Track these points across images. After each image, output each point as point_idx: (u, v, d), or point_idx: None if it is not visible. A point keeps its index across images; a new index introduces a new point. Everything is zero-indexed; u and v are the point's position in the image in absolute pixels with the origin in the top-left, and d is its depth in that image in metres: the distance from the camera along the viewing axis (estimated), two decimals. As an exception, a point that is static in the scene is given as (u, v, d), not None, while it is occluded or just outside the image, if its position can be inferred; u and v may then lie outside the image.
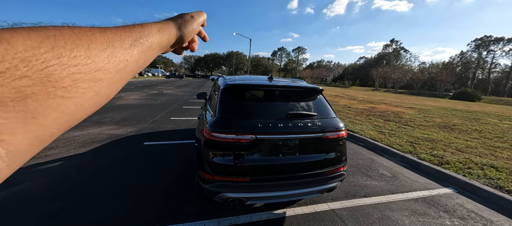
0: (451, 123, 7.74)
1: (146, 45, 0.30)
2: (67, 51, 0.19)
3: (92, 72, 0.22)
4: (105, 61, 0.23)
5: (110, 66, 0.24)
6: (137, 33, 0.29)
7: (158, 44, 0.33)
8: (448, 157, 4.10)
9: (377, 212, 2.50)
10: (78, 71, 0.20)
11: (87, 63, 0.21)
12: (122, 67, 0.26)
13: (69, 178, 2.85)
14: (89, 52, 0.21)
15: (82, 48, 0.21)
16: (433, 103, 17.18)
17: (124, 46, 0.26)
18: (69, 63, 0.19)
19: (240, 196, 1.87)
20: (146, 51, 0.30)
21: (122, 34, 0.27)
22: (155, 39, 0.32)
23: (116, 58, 0.25)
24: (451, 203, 2.81)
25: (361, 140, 5.39)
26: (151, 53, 0.32)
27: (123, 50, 0.26)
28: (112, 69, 0.24)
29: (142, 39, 0.29)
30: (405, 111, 10.55)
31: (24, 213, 2.14)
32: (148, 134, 4.94)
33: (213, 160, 1.86)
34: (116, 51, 0.25)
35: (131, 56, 0.27)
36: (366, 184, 3.18)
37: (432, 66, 55.95)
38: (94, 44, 0.22)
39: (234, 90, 2.18)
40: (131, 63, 0.27)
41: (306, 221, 2.28)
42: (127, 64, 0.27)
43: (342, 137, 2.17)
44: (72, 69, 0.19)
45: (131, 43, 0.28)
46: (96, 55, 0.22)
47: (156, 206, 2.35)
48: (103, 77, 0.23)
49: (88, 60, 0.21)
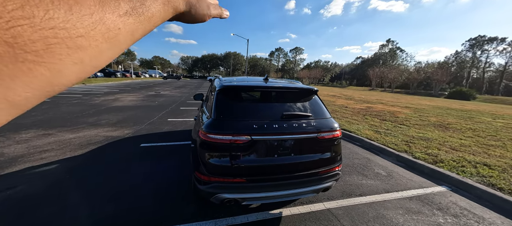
0: (445, 122, 7.85)
1: (146, 16, 0.27)
2: (41, 12, 0.17)
3: (72, 38, 0.19)
4: (90, 27, 0.21)
5: (96, 33, 0.21)
6: (137, 1, 0.26)
7: (160, 17, 0.29)
8: (442, 155, 4.17)
9: (372, 210, 2.54)
10: (53, 35, 0.18)
11: (66, 28, 0.19)
12: (113, 35, 0.23)
13: (65, 180, 2.83)
14: (70, 16, 0.19)
15: (61, 9, 0.18)
16: (429, 103, 17.39)
17: (119, 12, 0.23)
18: (42, 25, 0.17)
19: (236, 196, 1.89)
20: (144, 22, 0.27)
21: (120, 2, 0.24)
22: (158, 12, 0.29)
23: (105, 25, 0.22)
24: (445, 201, 2.86)
25: (358, 139, 5.44)
26: (150, 25, 0.28)
27: (116, 17, 0.23)
28: (99, 37, 0.22)
29: (142, 8, 0.26)
30: (401, 110, 10.67)
31: (21, 216, 2.13)
32: (145, 136, 4.92)
33: (209, 161, 1.87)
34: (107, 17, 0.22)
35: (125, 24, 0.24)
36: (362, 183, 3.22)
37: (428, 66, 56.60)
38: (78, 6, 0.20)
39: (230, 91, 2.20)
40: (124, 32, 0.24)
41: (302, 220, 2.30)
42: (119, 33, 0.24)
43: (337, 137, 2.20)
44: (46, 32, 0.17)
45: (126, 10, 0.24)
46: (78, 20, 0.20)
47: (152, 207, 2.35)
48: (87, 45, 0.21)
49: (67, 24, 0.19)
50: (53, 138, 4.40)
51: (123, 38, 0.25)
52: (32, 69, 0.17)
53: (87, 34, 0.20)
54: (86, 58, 0.21)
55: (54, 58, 0.18)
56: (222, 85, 2.20)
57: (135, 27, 0.26)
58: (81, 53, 0.20)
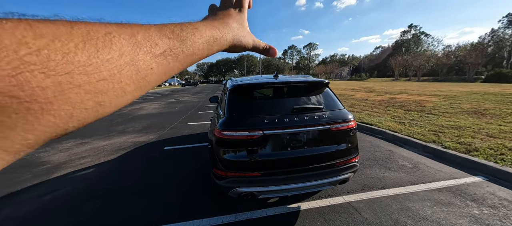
0: (482, 108, 7.11)
1: (186, 54, 0.24)
2: (59, 55, 0.15)
3: (92, 83, 0.17)
4: (116, 69, 0.18)
5: (123, 75, 0.19)
6: (179, 41, 0.23)
7: (201, 55, 0.27)
8: (477, 143, 3.81)
9: (396, 203, 2.43)
10: (69, 80, 0.15)
11: (86, 72, 0.16)
12: (142, 77, 0.20)
13: (102, 181, 3.15)
14: (94, 59, 0.17)
15: (84, 52, 0.16)
16: (462, 89, 15.84)
17: (154, 52, 0.21)
18: (57, 70, 0.15)
19: (252, 190, 1.95)
20: (182, 60, 0.24)
21: (157, 38, 0.22)
22: (200, 51, 0.26)
23: (135, 66, 0.20)
24: (480, 191, 2.62)
25: (379, 132, 5.19)
26: (188, 63, 0.25)
27: (150, 58, 0.21)
28: (126, 79, 0.19)
29: (182, 47, 0.24)
30: (429, 99, 9.89)
31: (70, 213, 2.43)
32: (168, 140, 5.24)
33: (225, 157, 1.97)
34: (139, 58, 0.20)
35: (158, 65, 0.22)
36: (384, 176, 3.09)
37: (459, 49, 51.32)
38: (107, 49, 0.18)
39: (241, 90, 2.29)
40: (157, 73, 0.22)
41: (321, 214, 2.29)
42: (150, 74, 0.21)
43: (351, 127, 2.16)
44: (60, 78, 0.15)
45: (164, 50, 0.22)
46: (103, 63, 0.17)
47: (178, 203, 2.52)
48: (109, 88, 0.18)
49: (89, 67, 0.16)
50: (89, 146, 4.89)
51: (154, 79, 0.22)
52: (38, 118, 0.15)
53: (111, 78, 0.18)
54: (106, 101, 0.18)
55: (66, 105, 0.16)
56: (233, 85, 2.29)
57: (171, 67, 0.23)
58: (101, 97, 0.18)
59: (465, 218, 2.16)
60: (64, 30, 0.16)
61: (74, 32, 0.16)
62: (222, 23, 0.31)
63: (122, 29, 0.19)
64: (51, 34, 0.15)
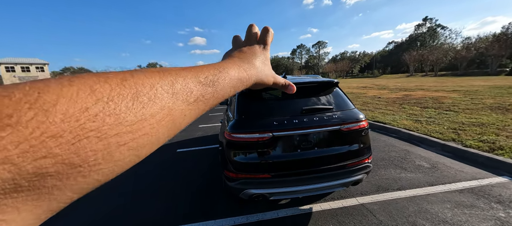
0: (506, 103, 6.65)
1: (214, 97, 0.25)
2: (112, 119, 0.15)
3: (136, 139, 0.17)
4: (156, 123, 0.18)
5: (161, 126, 0.19)
6: (208, 86, 0.24)
7: (230, 93, 0.28)
8: (501, 141, 3.57)
9: (413, 205, 2.34)
10: (117, 141, 0.16)
11: (132, 131, 0.17)
12: (177, 124, 0.21)
13: (119, 181, 3.30)
14: (140, 116, 0.17)
15: (132, 112, 0.17)
16: (484, 83, 14.89)
17: (189, 100, 0.22)
18: (109, 133, 0.15)
19: (263, 192, 1.96)
20: (210, 103, 0.25)
21: (192, 86, 0.22)
22: (227, 94, 0.27)
23: (172, 116, 0.20)
24: (506, 193, 2.46)
25: (394, 131, 5.01)
26: (216, 101, 0.26)
27: (185, 106, 0.21)
28: (163, 128, 0.19)
29: (211, 92, 0.25)
30: (447, 95, 9.40)
31: (90, 208, 2.57)
32: (180, 142, 5.37)
33: (235, 159, 1.99)
34: (176, 107, 0.20)
35: (191, 111, 0.22)
36: (400, 176, 2.98)
37: (480, 40, 48.25)
38: (151, 105, 0.18)
39: (249, 92, 2.31)
40: (189, 118, 0.23)
41: (333, 216, 2.25)
42: (183, 120, 0.22)
43: (363, 127, 2.11)
44: (111, 139, 0.15)
45: (197, 97, 0.23)
46: (147, 119, 0.18)
47: (191, 204, 2.58)
48: (148, 142, 0.18)
49: (134, 126, 0.17)
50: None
51: (184, 124, 0.22)
52: (85, 178, 0.15)
53: (152, 131, 0.18)
54: (144, 153, 0.19)
55: (110, 163, 0.16)
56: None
57: (201, 110, 0.24)
58: (140, 150, 0.18)
59: (490, 221, 2.03)
60: (117, 91, 0.16)
61: (125, 90, 0.17)
62: (248, 63, 0.32)
63: (164, 79, 0.20)
64: (107, 96, 0.15)
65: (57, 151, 0.13)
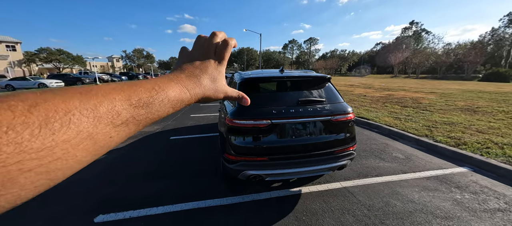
0: (475, 106, 7.39)
1: (149, 118, 0.25)
2: (11, 147, 0.14)
3: (45, 165, 0.16)
4: (70, 147, 0.17)
5: (78, 151, 0.18)
6: (143, 108, 0.23)
7: (168, 112, 0.28)
8: (466, 138, 4.07)
9: (387, 188, 2.69)
10: (19, 168, 0.15)
11: (39, 157, 0.16)
12: (99, 146, 0.20)
13: (116, 166, 3.37)
14: (49, 143, 0.16)
15: (39, 139, 0.16)
16: (458, 87, 16.13)
17: (115, 122, 0.21)
18: (7, 161, 0.14)
19: (260, 173, 2.18)
20: (144, 123, 0.25)
21: (120, 108, 0.21)
22: (166, 113, 0.27)
23: (93, 139, 0.19)
24: (465, 180, 2.89)
25: (376, 126, 5.44)
26: (151, 121, 0.26)
27: (110, 128, 0.20)
28: (81, 152, 0.18)
29: (146, 113, 0.24)
30: (425, 96, 10.15)
31: (86, 194, 2.65)
32: (172, 130, 5.45)
33: (235, 143, 2.18)
34: (98, 130, 0.19)
35: (119, 133, 0.21)
36: (379, 165, 3.34)
37: (459, 47, 51.41)
38: (64, 129, 0.17)
39: (250, 83, 2.48)
40: (116, 140, 0.22)
41: (320, 196, 2.54)
42: (108, 141, 0.21)
43: (350, 119, 2.38)
44: (10, 167, 0.14)
45: (126, 119, 0.22)
46: (58, 144, 0.16)
47: (191, 186, 2.75)
48: (62, 165, 0.17)
49: (42, 152, 0.16)
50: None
51: (113, 145, 0.21)
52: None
53: (66, 155, 0.17)
54: (59, 176, 0.18)
55: (14, 188, 0.15)
56: (243, 78, 2.48)
57: (131, 132, 0.23)
58: (53, 174, 0.17)
59: (448, 201, 2.42)
60: (21, 119, 0.15)
61: (32, 118, 0.15)
62: (194, 82, 0.31)
63: (85, 103, 0.19)
64: (6, 124, 0.14)
65: None
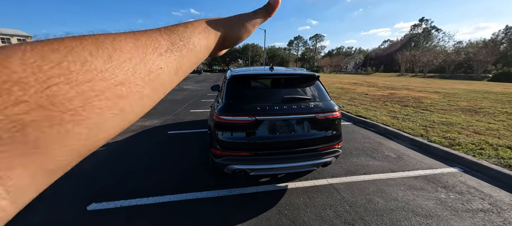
0: (477, 106, 7.25)
1: (188, 48, 0.26)
2: (78, 65, 0.16)
3: (112, 88, 0.18)
4: (129, 72, 0.19)
5: (136, 78, 0.20)
6: (177, 35, 0.25)
7: (204, 46, 0.29)
8: (461, 139, 4.04)
9: (373, 186, 2.73)
10: (91, 88, 0.16)
11: (105, 78, 0.17)
12: (154, 77, 0.22)
13: (112, 158, 3.51)
14: (108, 64, 0.18)
15: (99, 59, 0.17)
16: (465, 87, 15.75)
17: (159, 51, 0.22)
18: (79, 79, 0.16)
19: (244, 167, 2.26)
20: (187, 55, 0.26)
21: (159, 37, 0.23)
22: (200, 40, 0.28)
23: (146, 67, 0.21)
24: (453, 180, 2.90)
25: (372, 125, 5.43)
26: (194, 57, 0.27)
27: (156, 56, 0.22)
28: (140, 81, 0.20)
29: (182, 41, 0.25)
30: (428, 96, 9.99)
31: (81, 183, 2.80)
32: (171, 125, 5.58)
33: (221, 138, 2.26)
34: (147, 58, 0.21)
35: (167, 63, 0.23)
36: (368, 164, 3.37)
37: (470, 45, 49.83)
38: (118, 53, 0.19)
39: (238, 80, 2.54)
40: (167, 71, 0.23)
41: (305, 192, 2.60)
42: (161, 73, 0.22)
43: (336, 117, 2.42)
44: (83, 86, 0.16)
45: (167, 47, 0.23)
46: (117, 67, 0.18)
47: (181, 179, 2.86)
48: (127, 92, 0.19)
49: (106, 73, 0.17)
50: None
51: (167, 78, 0.23)
52: (69, 131, 0.15)
53: (127, 80, 0.19)
54: (127, 107, 0.19)
55: (92, 114, 0.16)
56: (231, 75, 2.54)
57: (179, 64, 0.24)
58: (121, 102, 0.19)
59: (432, 200, 2.45)
60: (77, 42, 0.17)
61: (85, 42, 0.17)
62: (219, 19, 0.32)
63: (126, 35, 0.21)
64: (65, 47, 0.16)
65: (26, 98, 0.13)
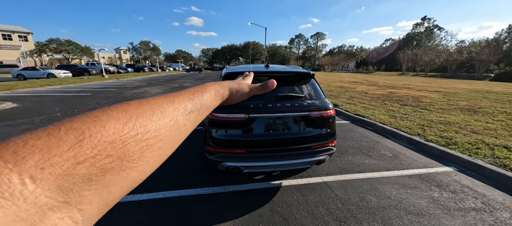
0: (477, 106, 7.22)
1: (204, 109, 0.33)
2: (142, 128, 0.22)
3: (157, 143, 0.23)
4: (168, 130, 0.25)
5: (172, 133, 0.26)
6: (198, 99, 0.32)
7: (213, 106, 0.37)
8: (458, 138, 4.03)
9: (367, 184, 2.73)
10: (146, 144, 0.22)
11: (155, 136, 0.23)
12: (181, 131, 0.28)
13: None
14: (157, 125, 0.24)
15: (153, 123, 0.23)
16: (466, 86, 15.67)
17: (186, 112, 0.29)
18: (141, 138, 0.22)
19: (237, 165, 2.27)
20: (202, 113, 0.33)
21: (186, 101, 0.30)
22: (211, 103, 0.36)
23: (177, 125, 0.27)
24: (447, 179, 2.90)
25: (370, 124, 5.42)
26: (206, 113, 0.34)
27: (184, 117, 0.28)
28: (173, 135, 0.26)
29: (201, 104, 0.32)
30: (428, 95, 9.95)
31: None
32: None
33: (215, 136, 2.27)
34: (179, 118, 0.27)
35: (189, 120, 0.29)
36: (364, 162, 3.38)
37: (473, 44, 49.42)
38: (163, 117, 0.25)
39: (233, 76, 2.54)
40: (189, 126, 0.30)
41: (298, 189, 2.61)
42: (186, 129, 0.29)
43: (330, 115, 2.42)
44: (143, 143, 0.22)
45: (191, 109, 0.30)
46: (162, 127, 0.24)
47: (177, 175, 2.88)
48: (165, 145, 0.25)
49: (156, 132, 0.23)
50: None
51: (188, 130, 0.30)
52: (128, 175, 0.21)
53: (166, 136, 0.25)
54: (163, 156, 0.25)
55: (143, 162, 0.22)
56: (226, 72, 2.55)
57: (196, 120, 0.31)
58: (161, 152, 0.24)
59: (425, 199, 2.45)
60: (141, 110, 0.23)
61: (144, 108, 0.24)
62: (223, 82, 0.43)
63: (166, 99, 0.28)
64: (135, 114, 0.22)
65: (113, 153, 0.19)
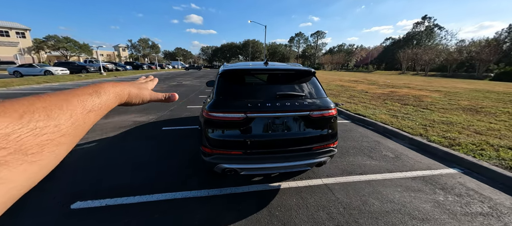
0: (478, 106, 7.12)
1: (102, 109, 0.34)
2: (40, 123, 0.22)
3: (57, 138, 0.24)
4: (69, 127, 0.26)
5: (72, 130, 0.27)
6: (97, 99, 0.33)
7: (111, 107, 0.37)
8: (461, 139, 3.94)
9: (369, 187, 2.63)
10: (46, 139, 0.23)
11: (54, 132, 0.24)
12: (80, 130, 0.29)
13: (101, 155, 3.42)
14: (57, 122, 0.25)
15: (52, 119, 0.24)
16: (466, 86, 15.58)
17: (85, 111, 0.30)
18: (40, 133, 0.22)
19: (234, 167, 2.16)
20: (101, 113, 0.34)
21: (85, 101, 0.31)
22: (112, 103, 0.37)
23: (78, 122, 0.28)
24: (452, 182, 2.80)
25: (371, 123, 5.32)
26: (103, 113, 0.35)
27: (83, 115, 0.29)
28: (73, 132, 0.27)
29: (100, 104, 0.33)
30: (429, 94, 9.85)
31: (65, 181, 2.71)
32: (166, 121, 5.47)
33: (211, 136, 2.16)
34: (78, 117, 0.28)
35: (88, 119, 0.30)
36: (365, 163, 3.28)
37: (473, 44, 49.25)
38: (63, 115, 0.26)
39: (230, 75, 2.43)
40: (87, 124, 0.31)
41: (298, 192, 2.51)
42: (85, 126, 0.30)
43: (331, 115, 2.31)
44: (42, 138, 0.22)
45: (90, 109, 0.31)
46: (62, 124, 0.25)
47: (172, 176, 2.77)
48: (65, 141, 0.26)
49: (55, 128, 0.24)
50: (92, 122, 5.15)
51: (86, 129, 0.31)
52: (27, 169, 0.21)
53: (67, 133, 0.26)
54: (62, 152, 0.26)
55: (43, 157, 0.23)
56: (223, 70, 2.43)
57: (95, 119, 0.33)
58: (61, 148, 0.25)
59: (429, 203, 2.36)
60: (40, 104, 0.24)
61: (44, 103, 0.25)
62: (124, 83, 0.43)
63: (66, 95, 0.29)
64: (33, 109, 0.23)
65: (7, 145, 0.20)
